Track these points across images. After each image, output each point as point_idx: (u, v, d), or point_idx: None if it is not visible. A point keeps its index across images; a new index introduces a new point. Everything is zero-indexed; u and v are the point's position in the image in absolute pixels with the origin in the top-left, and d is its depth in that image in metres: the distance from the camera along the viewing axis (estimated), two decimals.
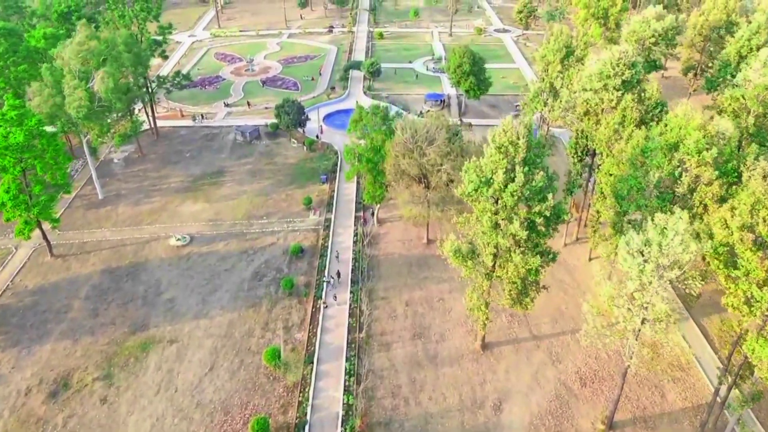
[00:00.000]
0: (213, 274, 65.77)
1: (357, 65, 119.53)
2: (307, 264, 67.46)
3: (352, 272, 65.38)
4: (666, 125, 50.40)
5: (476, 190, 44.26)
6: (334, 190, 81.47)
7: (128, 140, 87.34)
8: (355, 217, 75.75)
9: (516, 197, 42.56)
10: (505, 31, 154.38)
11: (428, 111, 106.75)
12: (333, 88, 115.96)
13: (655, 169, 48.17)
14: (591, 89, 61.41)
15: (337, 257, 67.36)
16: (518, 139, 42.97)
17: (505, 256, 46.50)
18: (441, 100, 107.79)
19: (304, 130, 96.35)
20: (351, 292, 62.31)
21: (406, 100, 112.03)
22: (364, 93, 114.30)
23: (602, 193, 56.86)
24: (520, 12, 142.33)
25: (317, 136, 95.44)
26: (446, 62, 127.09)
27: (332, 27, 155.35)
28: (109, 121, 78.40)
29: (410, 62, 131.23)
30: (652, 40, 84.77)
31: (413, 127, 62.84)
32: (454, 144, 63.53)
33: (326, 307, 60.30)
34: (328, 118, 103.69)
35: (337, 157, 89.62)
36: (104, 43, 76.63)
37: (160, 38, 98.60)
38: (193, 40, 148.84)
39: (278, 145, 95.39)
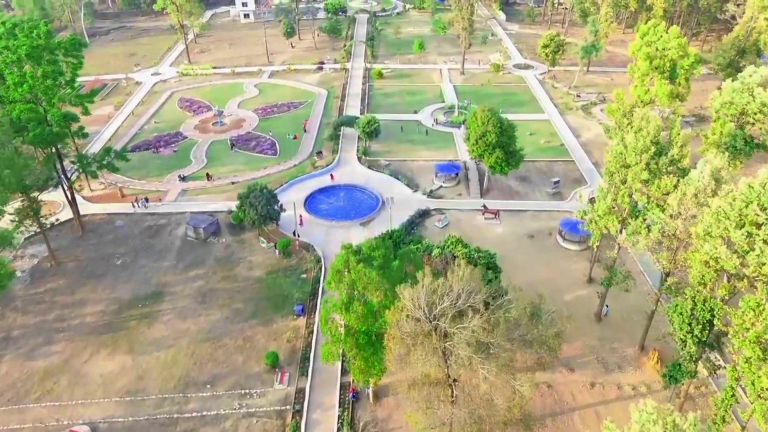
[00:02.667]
0: None
1: (350, 122, 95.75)
2: None
3: None
4: None
5: None
6: (311, 332, 57.44)
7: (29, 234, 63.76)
8: (341, 385, 51.72)
9: None
10: (527, 67, 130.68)
11: (439, 187, 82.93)
12: (320, 153, 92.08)
13: None
14: (721, 236, 37.62)
15: None
16: None
17: None
18: (456, 174, 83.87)
19: (277, 223, 72.57)
20: None
21: (411, 169, 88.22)
22: (359, 159, 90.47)
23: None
24: (546, 47, 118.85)
25: (294, 233, 71.51)
26: (459, 112, 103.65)
27: (322, 63, 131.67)
28: None
29: (415, 112, 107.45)
30: (759, 116, 60.95)
31: (429, 291, 38.76)
32: (496, 314, 39.62)
33: None
34: (310, 200, 79.77)
35: (320, 268, 65.78)
36: None
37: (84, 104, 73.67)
38: (157, 80, 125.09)
39: (242, 244, 71.48)
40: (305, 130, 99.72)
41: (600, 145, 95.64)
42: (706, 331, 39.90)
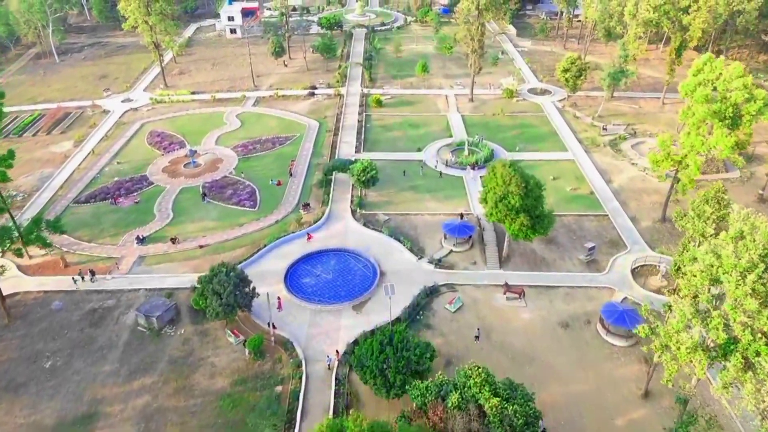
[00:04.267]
0: None
1: (343, 166, 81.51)
2: None
3: None
4: None
5: None
6: None
7: None
8: None
9: None
10: (543, 92, 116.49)
11: (449, 253, 68.76)
12: (307, 205, 77.84)
13: None
14: None
15: None
16: None
17: None
18: (469, 236, 69.67)
19: (249, 310, 58.37)
20: None
21: (415, 225, 74.12)
22: (353, 213, 76.32)
23: None
24: (566, 71, 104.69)
25: (270, 325, 57.19)
26: (469, 151, 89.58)
27: (314, 88, 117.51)
28: None
29: (419, 149, 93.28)
30: None
31: None
32: None
33: None
34: (292, 274, 65.51)
35: (300, 377, 51.53)
36: None
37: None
38: (127, 108, 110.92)
39: (205, 337, 57.20)
40: (291, 174, 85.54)
41: (635, 192, 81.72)
42: None
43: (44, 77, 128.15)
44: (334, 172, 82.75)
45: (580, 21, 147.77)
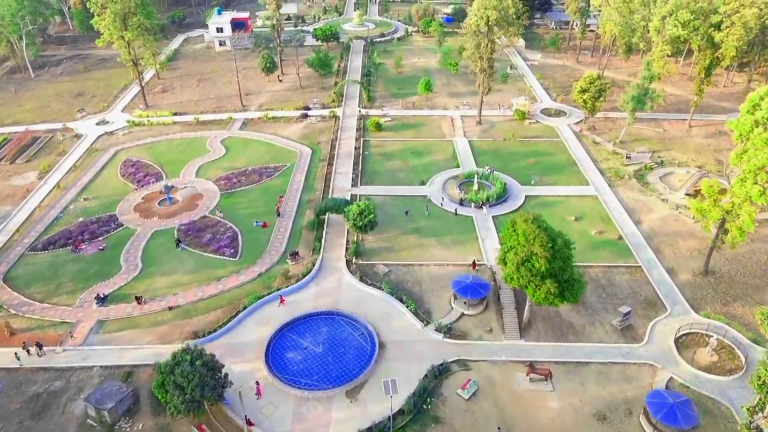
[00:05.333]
0: None
1: (337, 207, 71.68)
2: None
3: None
4: None
5: None
6: None
7: None
8: None
9: None
10: (558, 113, 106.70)
11: (461, 316, 58.88)
12: (295, 254, 67.89)
13: None
14: None
15: None
16: None
17: None
18: (483, 298, 59.72)
19: (222, 399, 48.41)
20: None
21: (419, 279, 64.28)
22: (348, 263, 66.43)
23: None
24: (584, 91, 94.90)
25: (245, 420, 47.20)
26: (479, 186, 79.82)
27: (307, 109, 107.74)
28: None
29: (423, 183, 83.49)
30: None
31: None
32: None
33: None
34: (274, 346, 55.50)
35: None
36: None
37: None
38: (102, 131, 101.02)
39: None
40: (278, 214, 75.71)
41: (669, 236, 71.91)
42: None
43: (15, 95, 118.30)
44: (327, 213, 72.97)
45: (593, 31, 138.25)
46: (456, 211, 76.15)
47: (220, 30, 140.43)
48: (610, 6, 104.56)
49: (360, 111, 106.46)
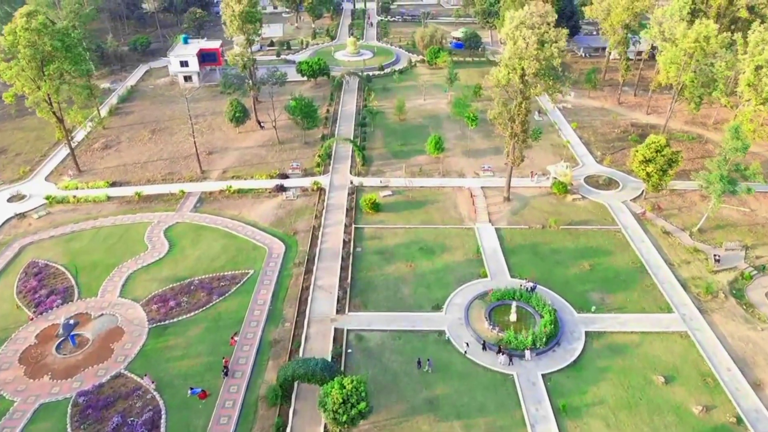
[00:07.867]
0: None
1: (308, 374, 47.11)
2: None
3: None
4: None
5: None
6: None
7: None
8: None
9: None
10: (608, 184, 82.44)
11: None
12: None
13: None
14: None
15: None
16: None
17: None
18: None
19: None
20: None
21: None
22: None
23: None
24: (647, 162, 70.80)
25: None
26: (516, 315, 56.03)
27: (284, 177, 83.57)
28: None
29: (438, 306, 59.20)
30: None
31: None
32: None
33: None
34: None
35: None
36: None
37: None
38: (11, 213, 76.65)
39: None
40: (226, 373, 51.36)
41: None
42: None
43: None
44: (295, 382, 48.66)
45: (639, 61, 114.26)
46: (465, 352, 52.39)
47: (184, 63, 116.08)
48: (676, 46, 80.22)
49: (352, 181, 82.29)
